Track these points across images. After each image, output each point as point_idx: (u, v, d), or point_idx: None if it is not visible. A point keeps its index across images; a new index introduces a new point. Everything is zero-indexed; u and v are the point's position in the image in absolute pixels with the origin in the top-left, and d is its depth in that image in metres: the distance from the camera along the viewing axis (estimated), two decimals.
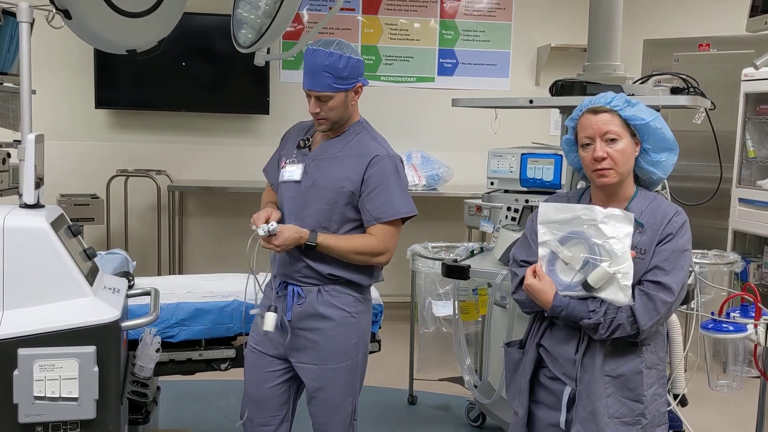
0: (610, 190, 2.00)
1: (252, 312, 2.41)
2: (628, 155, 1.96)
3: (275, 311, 2.27)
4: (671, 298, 1.91)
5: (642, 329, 1.90)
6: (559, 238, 1.97)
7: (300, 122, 2.55)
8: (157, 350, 2.36)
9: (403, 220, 2.36)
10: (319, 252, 2.29)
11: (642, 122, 1.96)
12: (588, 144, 1.97)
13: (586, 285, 1.92)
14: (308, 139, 2.43)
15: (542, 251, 2.00)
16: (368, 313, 2.47)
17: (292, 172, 2.38)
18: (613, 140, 1.94)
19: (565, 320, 1.98)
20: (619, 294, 1.90)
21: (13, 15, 2.35)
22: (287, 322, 2.32)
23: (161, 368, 2.56)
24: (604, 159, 1.93)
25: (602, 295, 1.91)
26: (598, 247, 1.92)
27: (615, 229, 1.90)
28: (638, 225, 1.95)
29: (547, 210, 2.00)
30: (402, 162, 2.41)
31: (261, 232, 2.20)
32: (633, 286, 1.91)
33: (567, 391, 2.02)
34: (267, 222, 2.22)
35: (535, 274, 1.99)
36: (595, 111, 1.97)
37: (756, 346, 2.46)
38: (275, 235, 2.21)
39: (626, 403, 1.96)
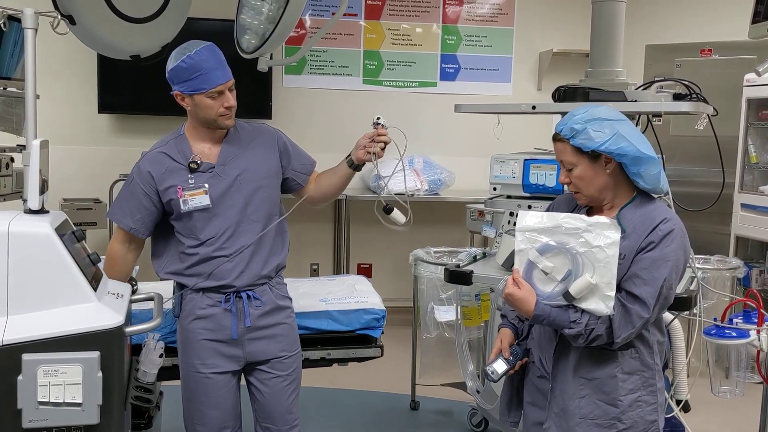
0: (598, 202, 2.01)
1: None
2: (589, 179, 1.95)
3: (391, 206, 2.41)
4: (647, 313, 1.89)
5: (616, 341, 1.89)
6: (538, 248, 1.92)
7: (148, 154, 2.41)
8: (161, 355, 2.36)
9: None
10: (280, 242, 2.45)
11: (589, 149, 1.91)
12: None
13: (567, 295, 1.88)
14: (197, 159, 2.35)
15: (518, 261, 1.95)
16: None
17: (199, 198, 2.33)
18: (570, 168, 1.96)
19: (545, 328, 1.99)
20: (600, 304, 1.86)
21: (18, 21, 2.36)
22: (246, 330, 2.38)
23: (164, 373, 2.56)
24: (567, 183, 1.99)
25: (583, 305, 1.88)
26: (581, 257, 1.87)
27: (600, 238, 1.86)
28: (621, 230, 1.94)
29: (525, 217, 1.95)
30: None
31: (384, 121, 2.38)
32: None
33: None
34: None
35: (514, 282, 1.94)
36: (554, 138, 1.99)
37: (759, 352, 2.46)
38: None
39: (601, 405, 1.96)
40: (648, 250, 1.90)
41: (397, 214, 2.40)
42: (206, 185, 2.34)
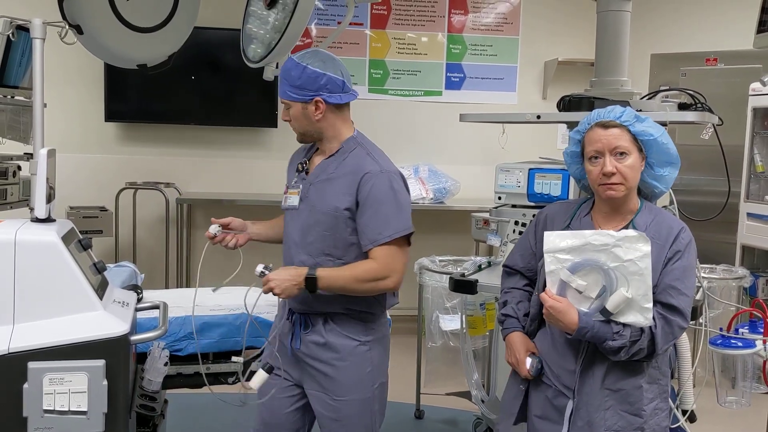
0: (615, 204, 2.01)
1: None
2: (636, 170, 1.97)
3: (268, 371, 2.18)
4: (686, 323, 1.92)
5: (658, 352, 1.91)
6: (569, 267, 1.90)
7: (302, 144, 2.44)
8: (166, 364, 2.36)
9: (408, 239, 2.23)
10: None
11: (650, 138, 1.96)
12: (596, 158, 1.96)
13: (604, 311, 1.88)
14: (306, 162, 2.33)
15: (550, 282, 1.94)
16: (383, 341, 2.35)
17: (292, 198, 2.30)
18: (622, 155, 1.94)
19: (588, 341, 1.96)
20: (639, 317, 1.86)
21: (26, 30, 2.37)
22: (295, 350, 2.30)
23: (169, 381, 2.56)
24: (613, 174, 1.93)
25: (622, 319, 1.88)
26: (613, 272, 1.86)
27: (630, 252, 1.85)
28: None
29: (552, 239, 1.93)
30: (402, 177, 2.26)
31: (256, 272, 2.14)
32: None
33: (570, 405, 2.01)
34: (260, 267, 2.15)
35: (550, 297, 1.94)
36: (605, 125, 1.96)
37: (765, 362, 2.46)
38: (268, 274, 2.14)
39: (625, 416, 1.96)
40: (677, 259, 1.93)
41: (259, 377, 2.18)
42: (300, 186, 2.30)
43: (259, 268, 2.14)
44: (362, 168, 2.20)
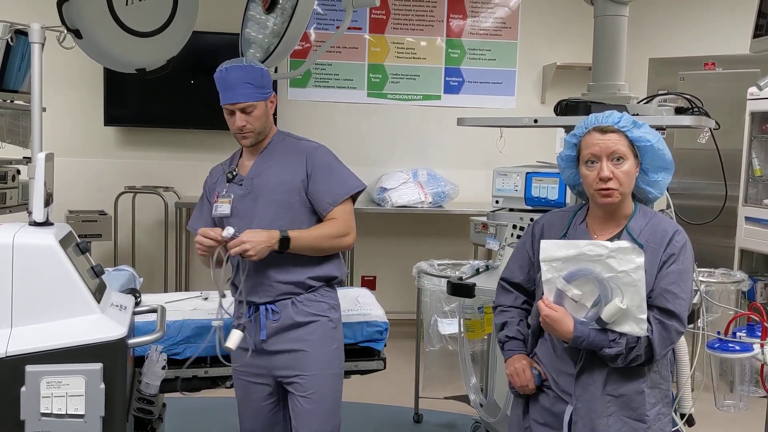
0: (610, 210, 2.00)
1: (214, 324, 2.37)
2: (632, 176, 1.96)
3: (242, 330, 2.31)
4: (683, 327, 1.92)
5: (656, 358, 1.91)
6: (564, 276, 1.91)
7: (213, 168, 2.60)
8: (163, 367, 2.36)
9: (354, 198, 2.40)
10: (290, 260, 2.31)
11: (647, 144, 1.96)
12: (593, 162, 1.96)
13: (599, 321, 1.89)
14: (234, 170, 2.46)
15: (547, 290, 1.94)
16: (340, 321, 2.49)
17: (223, 207, 2.41)
18: (619, 160, 1.94)
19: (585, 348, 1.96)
20: (634, 327, 1.87)
21: (25, 34, 2.38)
22: (261, 342, 2.37)
23: (167, 385, 2.56)
24: (610, 179, 1.93)
25: (618, 328, 1.88)
26: (608, 282, 1.87)
27: (624, 263, 1.85)
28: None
29: (548, 247, 1.94)
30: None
31: (225, 234, 2.21)
32: None
33: (569, 410, 2.00)
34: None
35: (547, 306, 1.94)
36: (602, 130, 1.96)
37: (763, 366, 2.46)
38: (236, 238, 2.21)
39: (629, 422, 1.95)
40: (671, 263, 1.92)
41: (234, 336, 2.29)
42: (232, 195, 2.41)
43: (231, 230, 2.22)
44: (302, 148, 2.42)
